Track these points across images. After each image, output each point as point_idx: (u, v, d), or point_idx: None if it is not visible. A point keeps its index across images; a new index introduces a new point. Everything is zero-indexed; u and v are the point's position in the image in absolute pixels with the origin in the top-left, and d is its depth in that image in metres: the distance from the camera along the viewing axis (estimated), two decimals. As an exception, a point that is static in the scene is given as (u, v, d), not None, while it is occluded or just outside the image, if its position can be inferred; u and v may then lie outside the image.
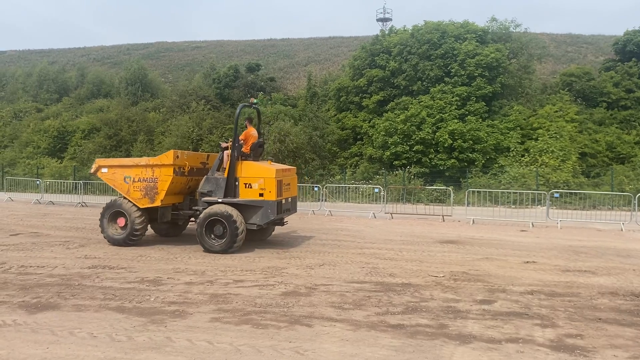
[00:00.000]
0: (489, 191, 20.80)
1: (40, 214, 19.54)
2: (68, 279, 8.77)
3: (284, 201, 11.93)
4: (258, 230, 11.98)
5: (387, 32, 37.25)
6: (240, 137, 12.01)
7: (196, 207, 12.14)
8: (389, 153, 28.02)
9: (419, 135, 27.54)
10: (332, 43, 64.67)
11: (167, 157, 11.79)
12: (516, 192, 20.42)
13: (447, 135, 27.00)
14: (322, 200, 21.67)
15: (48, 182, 26.83)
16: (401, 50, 31.57)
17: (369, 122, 31.30)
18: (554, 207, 19.10)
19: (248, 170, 11.65)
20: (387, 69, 31.63)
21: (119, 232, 12.04)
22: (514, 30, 32.52)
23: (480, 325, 6.44)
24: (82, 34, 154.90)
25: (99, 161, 12.88)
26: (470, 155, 26.91)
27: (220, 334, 6.07)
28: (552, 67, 43.19)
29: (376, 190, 21.56)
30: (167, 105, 39.66)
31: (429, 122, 27.80)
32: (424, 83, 30.52)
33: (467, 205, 18.78)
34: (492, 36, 31.76)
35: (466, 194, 19.24)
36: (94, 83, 48.60)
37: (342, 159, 31.55)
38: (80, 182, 24.76)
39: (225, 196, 11.53)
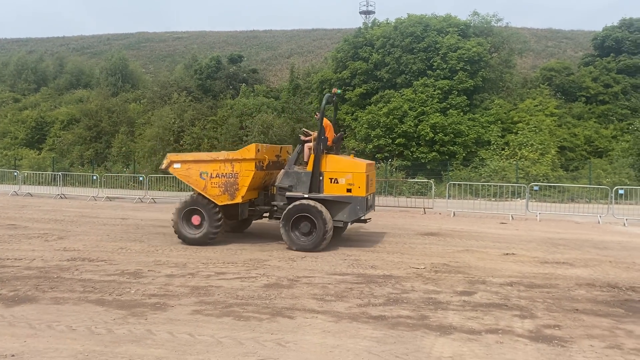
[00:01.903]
0: (469, 184, 20.99)
1: (18, 205, 19.23)
2: (46, 272, 8.65)
3: (369, 197, 11.49)
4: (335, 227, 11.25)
5: (370, 24, 37.22)
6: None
7: (275, 203, 11.53)
8: (371, 146, 28.10)
9: (402, 129, 27.65)
10: (315, 35, 64.48)
11: (249, 151, 11.19)
12: (496, 185, 20.65)
13: (429, 129, 27.15)
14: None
15: (26, 174, 26.39)
16: (384, 43, 31.58)
17: (352, 115, 31.32)
18: (533, 200, 19.37)
19: (334, 164, 11.04)
20: (370, 61, 31.64)
21: (194, 231, 11.36)
22: (496, 25, 32.76)
23: (460, 317, 6.51)
24: (60, 23, 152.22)
25: (170, 156, 11.96)
26: (451, 148, 27.13)
27: (201, 326, 6.05)
28: (532, 62, 43.67)
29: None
30: (148, 96, 39.16)
31: (411, 116, 27.92)
32: (407, 76, 30.61)
33: (448, 198, 18.94)
34: (474, 30, 31.94)
35: (447, 186, 19.39)
36: (73, 73, 47.83)
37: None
38: (59, 173, 24.40)
39: (309, 191, 11.00)
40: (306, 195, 10.94)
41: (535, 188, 19.58)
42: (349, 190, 10.84)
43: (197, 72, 40.05)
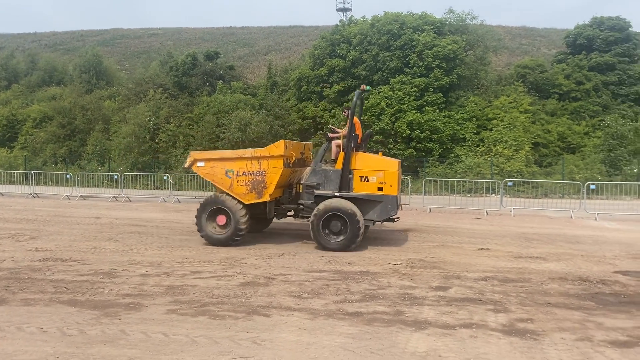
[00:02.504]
0: (445, 180, 21.21)
1: (-12, 205, 18.78)
2: (17, 273, 8.46)
3: (399, 195, 11.32)
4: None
5: (347, 22, 37.28)
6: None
7: (301, 201, 11.21)
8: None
9: (379, 126, 27.78)
10: (292, 32, 64.34)
11: (277, 147, 10.84)
12: (471, 181, 20.91)
13: (405, 126, 27.35)
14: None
15: (-4, 173, 25.78)
16: (361, 41, 31.67)
17: (330, 112, 31.35)
18: (508, 196, 19.65)
19: (364, 162, 10.84)
20: (347, 58, 31.69)
21: (220, 231, 11.05)
22: (471, 23, 33.10)
23: (435, 312, 6.57)
24: (32, 18, 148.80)
25: (194, 154, 11.56)
26: (427, 145, 27.37)
27: (176, 326, 5.99)
28: (507, 59, 44.25)
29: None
30: (123, 93, 38.62)
31: (388, 113, 28.08)
32: (384, 73, 30.74)
33: (424, 194, 19.10)
34: (450, 28, 32.23)
35: (423, 183, 19.55)
36: (45, 70, 46.90)
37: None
38: (32, 172, 23.90)
39: (338, 190, 10.76)
40: (337, 194, 10.71)
41: (510, 184, 19.88)
42: (380, 189, 10.66)
43: (172, 69, 39.59)
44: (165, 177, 23.13)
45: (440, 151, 27.35)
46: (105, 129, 34.49)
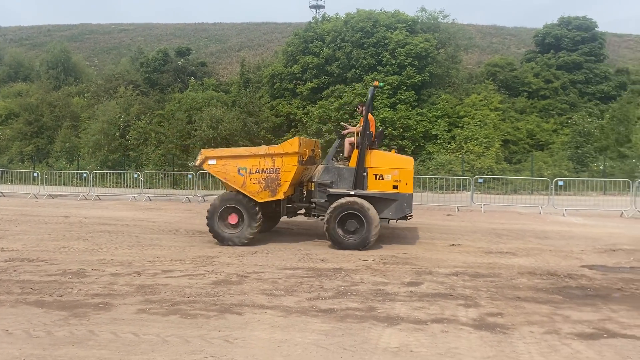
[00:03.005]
0: (417, 177, 21.39)
1: (-50, 205, 18.20)
2: (-19, 274, 8.22)
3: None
4: None
5: (320, 19, 37.26)
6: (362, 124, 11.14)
7: (314, 200, 11.04)
8: (322, 141, 28.12)
9: (352, 123, 27.84)
10: (265, 29, 64.00)
11: (292, 144, 10.64)
12: (443, 178, 21.17)
13: (378, 123, 27.46)
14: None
15: (-40, 171, 25.01)
16: (334, 38, 31.71)
17: (303, 109, 31.32)
18: (478, 192, 19.95)
19: (379, 160, 10.75)
20: (320, 56, 31.69)
21: (232, 230, 10.82)
22: (443, 21, 33.47)
23: (407, 307, 6.63)
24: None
25: (205, 152, 11.23)
26: (400, 142, 27.56)
27: (146, 326, 5.90)
28: (477, 58, 44.85)
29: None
30: (92, 90, 37.89)
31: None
32: (357, 71, 30.86)
33: (398, 191, 19.21)
34: (422, 26, 32.52)
35: (397, 180, 19.68)
36: (11, 65, 45.67)
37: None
38: (-4, 170, 23.26)
39: (353, 188, 10.61)
40: (352, 193, 10.56)
41: (480, 180, 20.19)
42: (395, 187, 10.58)
43: (143, 65, 39.00)
44: (135, 175, 22.75)
45: (412, 148, 27.61)
46: (73, 126, 33.78)
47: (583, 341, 5.49)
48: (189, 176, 22.31)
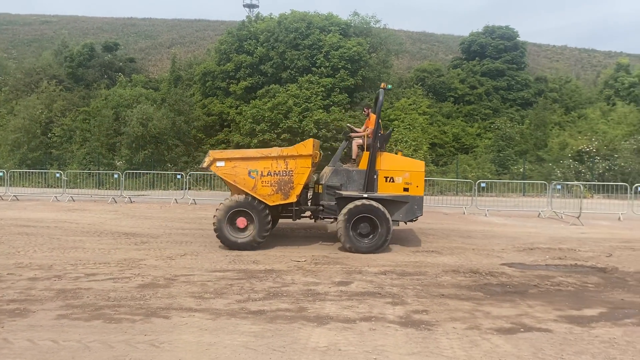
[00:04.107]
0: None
1: None
2: None
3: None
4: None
5: (254, 18, 37.04)
6: (369, 126, 10.96)
7: (323, 202, 10.75)
8: (256, 140, 28.01)
9: (286, 124, 27.90)
10: (197, 26, 62.83)
11: (306, 146, 10.41)
12: (375, 180, 21.56)
13: (312, 125, 27.67)
14: (186, 189, 21.05)
15: None
16: (268, 38, 31.61)
17: (237, 109, 30.98)
18: (408, 193, 20.47)
19: (389, 162, 10.63)
20: (254, 55, 31.49)
21: (240, 234, 10.42)
22: (374, 26, 34.20)
23: (337, 306, 6.71)
24: None
25: (213, 153, 10.79)
26: (333, 144, 27.83)
27: (67, 332, 5.63)
28: (407, 63, 46.18)
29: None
30: (10, 84, 35.69)
31: (295, 111, 28.27)
32: (292, 72, 30.91)
33: (330, 192, 19.41)
34: (354, 30, 33.07)
35: (329, 181, 19.88)
36: None
37: (208, 145, 30.92)
38: None
39: (364, 190, 10.47)
40: (365, 195, 10.44)
41: (409, 182, 20.72)
42: (406, 190, 10.55)
43: (67, 59, 37.22)
44: (58, 174, 21.66)
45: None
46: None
47: (502, 336, 5.77)
48: (115, 176, 21.51)
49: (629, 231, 14.18)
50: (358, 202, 10.32)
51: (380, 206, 10.28)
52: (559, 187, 19.47)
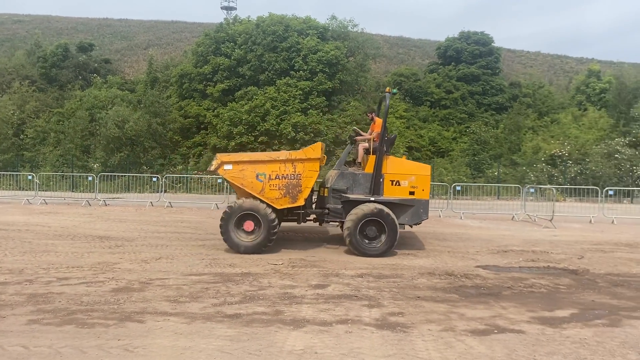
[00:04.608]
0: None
1: None
2: None
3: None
4: None
5: (231, 20, 36.91)
6: (375, 130, 10.92)
7: (329, 206, 10.70)
8: (233, 143, 27.90)
9: (264, 127, 27.85)
10: (174, 27, 62.32)
11: (315, 150, 10.37)
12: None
13: (290, 128, 27.67)
14: (162, 192, 20.83)
15: None
16: (246, 40, 31.54)
17: (214, 111, 30.81)
18: (385, 197, 20.60)
19: (395, 166, 10.67)
20: (232, 57, 31.37)
21: (247, 238, 10.33)
22: (352, 30, 34.40)
23: (313, 309, 6.72)
24: None
25: (221, 156, 10.65)
26: (311, 147, 27.92)
27: (38, 337, 5.52)
28: (385, 67, 46.52)
29: (219, 180, 21.31)
30: (-21, 83, 34.86)
31: (273, 114, 28.24)
32: (270, 74, 30.87)
33: (307, 195, 19.42)
34: (332, 34, 33.22)
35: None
36: None
37: (185, 148, 30.69)
38: None
39: (370, 194, 10.45)
40: (372, 199, 10.44)
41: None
42: (411, 193, 10.60)
43: (40, 59, 36.55)
44: (30, 177, 21.22)
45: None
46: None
47: (476, 337, 5.85)
48: (89, 178, 21.17)
49: (599, 234, 14.51)
50: (365, 206, 10.35)
51: (386, 210, 10.31)
52: (532, 190, 19.82)
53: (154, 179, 21.64)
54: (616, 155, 27.34)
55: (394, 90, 11.61)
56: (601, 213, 17.70)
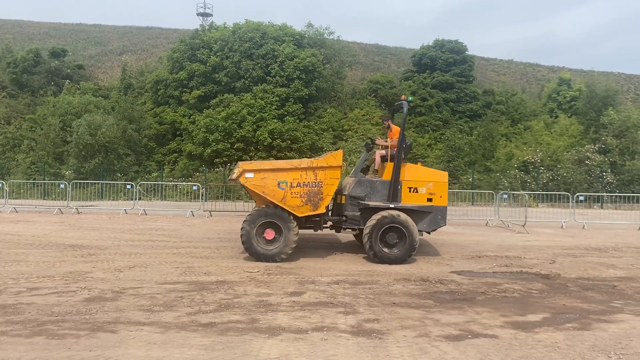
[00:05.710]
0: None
1: None
2: None
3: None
4: None
5: (207, 27, 36.76)
6: (391, 137, 10.90)
7: (347, 213, 10.66)
8: (209, 150, 27.72)
9: (240, 133, 27.75)
10: (149, 33, 61.75)
11: (336, 157, 10.37)
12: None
13: (267, 134, 27.64)
14: (136, 199, 20.56)
15: None
16: (222, 47, 31.44)
17: (189, 118, 30.59)
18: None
19: (413, 173, 10.70)
20: (208, 64, 31.23)
21: (268, 246, 10.30)
22: (328, 37, 34.62)
23: (289, 317, 6.69)
24: None
25: (243, 165, 10.57)
26: (288, 154, 27.93)
27: (6, 350, 5.38)
28: (361, 74, 46.78)
29: (195, 187, 21.14)
30: (-53, 89, 34.03)
31: (249, 121, 28.17)
32: (246, 81, 30.82)
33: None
34: (309, 41, 33.35)
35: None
36: None
37: (160, 155, 30.37)
38: None
39: (389, 201, 10.43)
40: (392, 206, 10.44)
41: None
42: (429, 200, 10.62)
43: (10, 65, 35.83)
44: (-1, 185, 20.75)
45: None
46: None
47: (450, 343, 5.90)
48: (62, 186, 20.79)
49: (570, 238, 14.81)
50: (385, 213, 10.39)
51: (406, 217, 10.38)
52: (505, 196, 20.13)
53: (128, 187, 21.36)
54: (586, 162, 27.98)
55: (410, 98, 11.71)
56: (572, 218, 18.07)
